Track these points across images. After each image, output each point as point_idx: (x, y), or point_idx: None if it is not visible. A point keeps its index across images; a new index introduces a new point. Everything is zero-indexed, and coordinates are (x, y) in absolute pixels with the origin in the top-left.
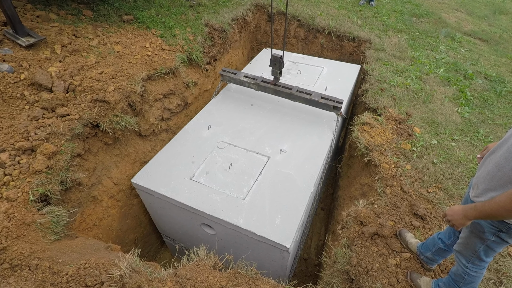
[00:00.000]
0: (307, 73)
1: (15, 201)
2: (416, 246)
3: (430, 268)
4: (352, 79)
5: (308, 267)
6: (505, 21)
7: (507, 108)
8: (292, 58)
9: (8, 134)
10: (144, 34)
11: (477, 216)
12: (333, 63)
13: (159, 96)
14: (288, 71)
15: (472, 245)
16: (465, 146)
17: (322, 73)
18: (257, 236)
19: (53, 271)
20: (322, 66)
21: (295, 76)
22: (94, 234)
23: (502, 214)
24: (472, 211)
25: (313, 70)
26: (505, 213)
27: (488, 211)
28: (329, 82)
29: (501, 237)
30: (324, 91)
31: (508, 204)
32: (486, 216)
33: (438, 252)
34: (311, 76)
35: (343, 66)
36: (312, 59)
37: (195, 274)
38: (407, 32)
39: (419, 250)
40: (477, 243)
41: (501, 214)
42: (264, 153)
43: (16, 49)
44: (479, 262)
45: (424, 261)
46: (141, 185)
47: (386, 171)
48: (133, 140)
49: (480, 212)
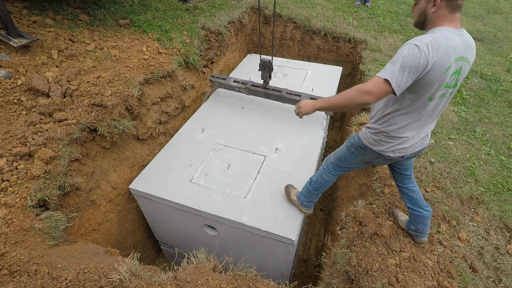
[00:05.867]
0: (292, 76)
1: (13, 207)
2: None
3: (421, 241)
4: (335, 80)
5: (308, 268)
6: (500, 20)
7: (503, 106)
8: (277, 62)
9: (6, 139)
10: (141, 38)
11: (323, 106)
12: (316, 65)
13: (157, 99)
14: (274, 74)
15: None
16: (462, 145)
17: (307, 75)
18: (262, 231)
19: (52, 277)
20: (306, 69)
21: (282, 79)
22: (93, 238)
23: (343, 103)
24: (320, 102)
25: (298, 73)
26: (346, 102)
27: (334, 101)
28: (314, 84)
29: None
30: (311, 92)
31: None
32: (329, 105)
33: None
34: (297, 79)
35: (326, 68)
36: (296, 63)
37: (195, 277)
38: (402, 33)
39: (407, 225)
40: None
41: (343, 103)
42: (260, 153)
43: (13, 54)
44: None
45: (413, 234)
46: (140, 190)
47: (384, 171)
48: (131, 144)
49: (326, 102)
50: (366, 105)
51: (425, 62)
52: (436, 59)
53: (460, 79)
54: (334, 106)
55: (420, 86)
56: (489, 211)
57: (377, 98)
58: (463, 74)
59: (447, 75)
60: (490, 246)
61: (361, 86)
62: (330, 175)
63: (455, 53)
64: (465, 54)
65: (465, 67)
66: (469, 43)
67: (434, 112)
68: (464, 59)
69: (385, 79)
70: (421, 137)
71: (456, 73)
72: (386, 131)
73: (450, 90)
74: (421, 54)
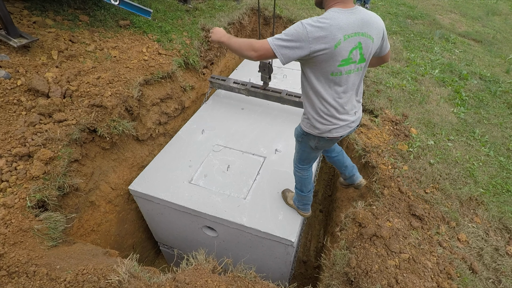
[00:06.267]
0: (292, 77)
1: (12, 208)
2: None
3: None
4: None
5: (307, 270)
6: (498, 22)
7: (502, 107)
8: (277, 64)
9: (5, 140)
10: (141, 38)
11: (225, 42)
12: None
13: (156, 100)
14: (274, 75)
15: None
16: (461, 146)
17: None
18: (262, 233)
19: (51, 278)
20: None
21: (281, 80)
22: (92, 239)
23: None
24: (226, 38)
25: (297, 74)
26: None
27: (232, 43)
28: None
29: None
30: None
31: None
32: (228, 44)
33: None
34: (297, 80)
35: None
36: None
37: (194, 279)
38: (402, 34)
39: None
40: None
41: (236, 49)
42: (259, 154)
43: (13, 55)
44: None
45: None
46: (139, 191)
47: (384, 172)
48: (131, 145)
49: (229, 40)
50: (249, 59)
51: (307, 38)
52: (317, 35)
53: (366, 53)
54: (231, 47)
55: (315, 62)
56: (489, 212)
57: (260, 57)
58: (367, 48)
59: (341, 51)
60: (489, 247)
61: (252, 42)
62: (301, 171)
63: (341, 31)
64: (360, 30)
65: (366, 41)
66: (364, 19)
67: (352, 88)
68: (362, 34)
69: (271, 44)
70: (350, 114)
71: (357, 48)
72: (314, 114)
73: (358, 66)
74: (304, 30)
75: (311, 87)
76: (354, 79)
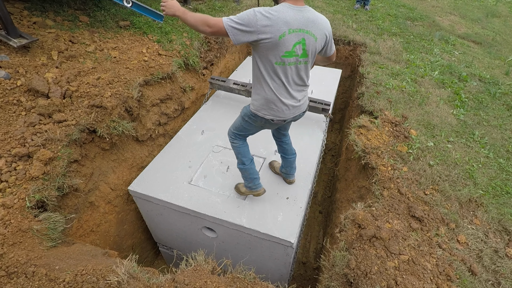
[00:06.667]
0: None
1: (11, 208)
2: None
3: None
4: (335, 82)
5: (307, 271)
6: (498, 23)
7: (501, 109)
8: None
9: (5, 140)
10: (141, 39)
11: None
12: (315, 68)
13: (156, 101)
14: None
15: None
16: (461, 148)
17: None
18: (261, 234)
19: (50, 278)
20: None
21: None
22: (91, 240)
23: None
24: (181, 12)
25: None
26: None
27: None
28: (314, 86)
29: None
30: (310, 94)
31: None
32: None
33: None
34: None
35: (326, 71)
36: None
37: (193, 280)
38: (401, 36)
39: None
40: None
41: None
42: (259, 155)
43: (13, 55)
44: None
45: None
46: (139, 192)
47: (383, 174)
48: (130, 145)
49: (184, 14)
50: (203, 33)
51: (256, 25)
52: (265, 23)
53: (310, 49)
54: (186, 21)
55: (262, 48)
56: (488, 214)
57: (213, 33)
58: (309, 45)
59: (285, 43)
60: (489, 249)
61: (208, 18)
62: (237, 143)
63: (286, 24)
64: (305, 28)
65: (310, 39)
66: (310, 18)
67: (296, 79)
68: (306, 31)
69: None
70: (293, 101)
71: (300, 43)
72: (261, 97)
73: (301, 59)
74: (255, 17)
75: (258, 73)
76: (298, 71)
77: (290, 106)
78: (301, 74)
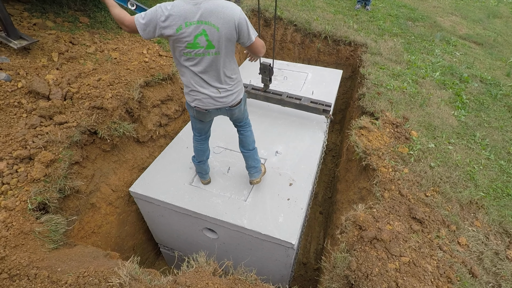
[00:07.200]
0: (293, 79)
1: (13, 210)
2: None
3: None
4: (336, 83)
5: (307, 272)
6: (499, 24)
7: (502, 111)
8: (277, 65)
9: (6, 142)
10: (141, 40)
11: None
12: (316, 68)
13: (157, 102)
14: (274, 77)
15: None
16: (462, 149)
17: (307, 78)
18: (262, 235)
19: (52, 280)
20: (306, 72)
21: (282, 82)
22: (92, 241)
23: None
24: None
25: (298, 75)
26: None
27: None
28: (314, 87)
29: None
30: (311, 95)
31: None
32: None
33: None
34: (297, 82)
35: (326, 71)
36: (296, 65)
37: (195, 281)
38: (402, 36)
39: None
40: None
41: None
42: (260, 156)
43: (13, 57)
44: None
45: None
46: (140, 193)
47: (384, 175)
48: (131, 147)
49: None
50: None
51: (156, 20)
52: (163, 19)
53: (214, 40)
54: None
55: (170, 41)
56: (489, 216)
57: (130, 31)
58: (212, 35)
59: (185, 36)
60: (489, 251)
61: (126, 17)
62: (194, 141)
63: (181, 18)
64: (203, 19)
65: (211, 29)
66: (208, 9)
67: (211, 69)
68: (205, 22)
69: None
70: (212, 90)
71: (202, 34)
72: (184, 87)
73: (209, 51)
74: (156, 13)
75: (177, 61)
76: (212, 62)
77: (208, 95)
78: (217, 66)
